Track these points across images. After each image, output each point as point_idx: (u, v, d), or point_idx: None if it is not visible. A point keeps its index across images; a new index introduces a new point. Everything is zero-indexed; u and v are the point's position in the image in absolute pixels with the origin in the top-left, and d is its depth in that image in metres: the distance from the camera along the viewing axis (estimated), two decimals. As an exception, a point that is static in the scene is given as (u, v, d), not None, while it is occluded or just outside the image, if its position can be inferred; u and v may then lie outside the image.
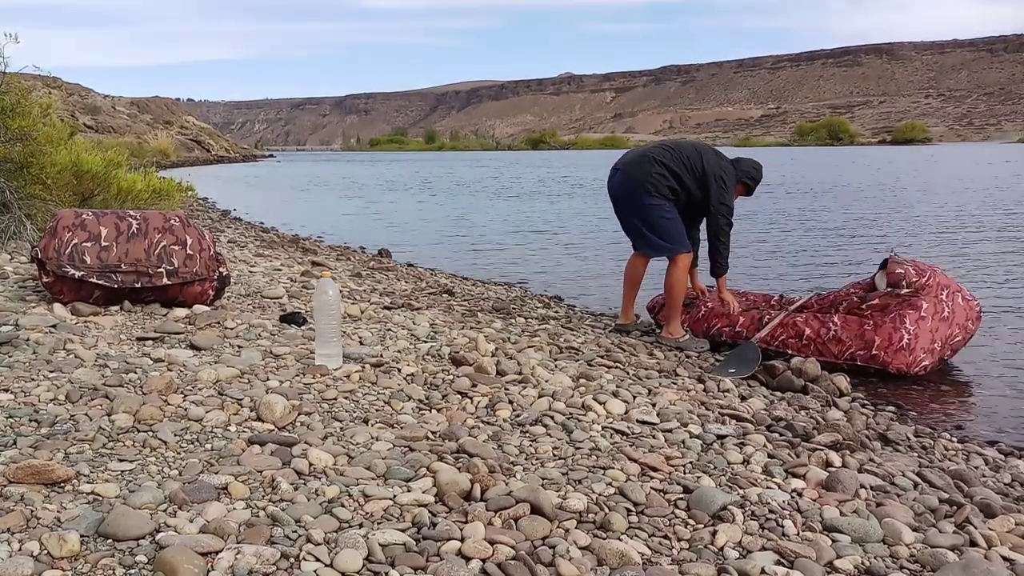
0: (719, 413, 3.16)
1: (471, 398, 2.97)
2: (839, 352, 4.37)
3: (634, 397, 3.22)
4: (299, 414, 2.59)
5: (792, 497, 2.30)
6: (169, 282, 3.93)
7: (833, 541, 2.05)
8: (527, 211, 15.97)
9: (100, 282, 3.82)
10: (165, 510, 1.87)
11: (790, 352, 4.44)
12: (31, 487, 1.91)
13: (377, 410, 2.74)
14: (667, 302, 4.83)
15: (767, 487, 2.36)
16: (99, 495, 1.92)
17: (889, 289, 4.43)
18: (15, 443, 2.18)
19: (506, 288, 6.96)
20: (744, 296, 5.14)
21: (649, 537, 1.99)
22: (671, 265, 4.74)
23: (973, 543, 2.14)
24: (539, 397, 3.03)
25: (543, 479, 2.25)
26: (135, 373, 2.86)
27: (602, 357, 3.94)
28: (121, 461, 2.13)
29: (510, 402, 2.94)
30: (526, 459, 2.43)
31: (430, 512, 1.97)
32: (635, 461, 2.44)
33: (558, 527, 1.97)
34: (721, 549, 1.96)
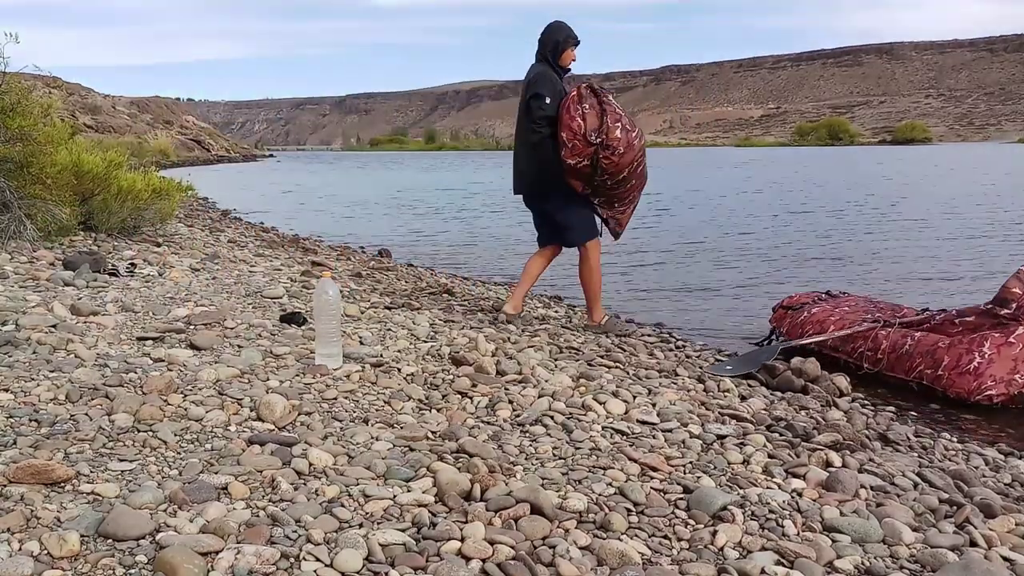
0: (719, 413, 3.16)
1: (471, 398, 2.97)
2: (908, 370, 4.12)
3: (634, 397, 3.22)
4: (299, 414, 2.59)
5: (792, 497, 2.30)
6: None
7: (833, 541, 2.05)
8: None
9: None
10: (165, 510, 1.87)
11: (866, 365, 4.30)
12: (31, 487, 1.91)
13: (377, 410, 2.74)
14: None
15: (767, 487, 2.36)
16: (99, 495, 1.92)
17: (991, 307, 4.05)
18: (15, 443, 2.17)
19: (506, 288, 6.96)
20: (863, 303, 4.89)
21: (649, 537, 1.99)
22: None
23: (973, 543, 2.14)
24: (539, 397, 3.03)
25: (543, 479, 2.25)
26: (135, 373, 2.86)
27: (602, 357, 3.94)
28: (121, 461, 2.13)
29: (510, 402, 2.94)
30: (526, 459, 2.43)
31: (430, 512, 1.97)
32: (635, 461, 2.44)
33: (558, 527, 1.97)
34: (721, 549, 1.96)
